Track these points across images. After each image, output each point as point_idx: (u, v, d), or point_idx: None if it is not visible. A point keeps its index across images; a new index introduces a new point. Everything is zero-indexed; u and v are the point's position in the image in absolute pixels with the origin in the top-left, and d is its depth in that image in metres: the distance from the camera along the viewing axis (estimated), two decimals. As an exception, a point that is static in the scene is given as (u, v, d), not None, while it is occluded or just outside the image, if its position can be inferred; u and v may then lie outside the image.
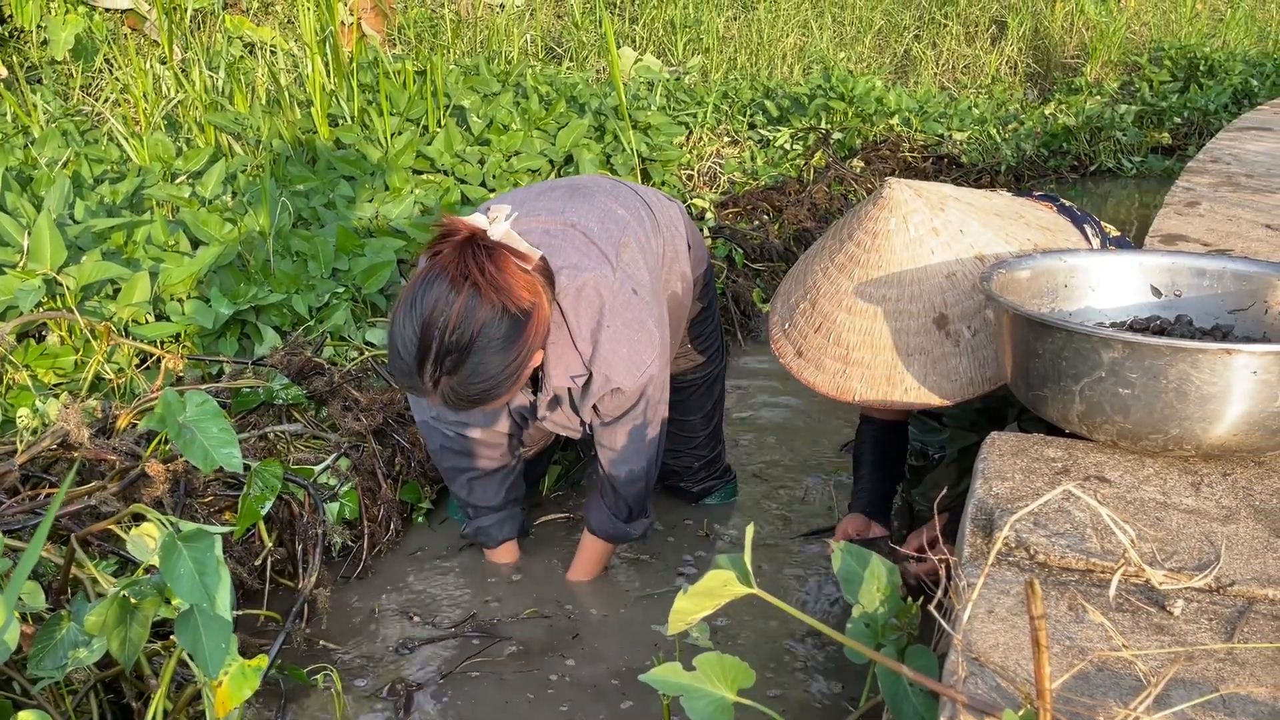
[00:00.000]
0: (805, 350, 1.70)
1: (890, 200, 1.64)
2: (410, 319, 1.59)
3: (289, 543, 2.00)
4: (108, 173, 3.42)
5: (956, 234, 1.63)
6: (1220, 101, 7.04)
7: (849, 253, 1.67)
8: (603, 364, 1.79)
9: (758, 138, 5.20)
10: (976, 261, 1.62)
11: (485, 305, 1.57)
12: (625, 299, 1.80)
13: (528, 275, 1.63)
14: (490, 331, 1.58)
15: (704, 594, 1.15)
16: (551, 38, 7.04)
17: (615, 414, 1.88)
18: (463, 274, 1.57)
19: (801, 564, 2.18)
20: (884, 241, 1.63)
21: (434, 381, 1.60)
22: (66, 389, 2.23)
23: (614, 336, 1.78)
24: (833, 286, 1.67)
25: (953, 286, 1.61)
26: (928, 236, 1.62)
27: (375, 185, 3.46)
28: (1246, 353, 1.23)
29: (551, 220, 1.84)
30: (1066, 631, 1.05)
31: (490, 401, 1.66)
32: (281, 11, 6.52)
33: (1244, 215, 2.76)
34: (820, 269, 1.71)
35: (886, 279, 1.62)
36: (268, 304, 2.52)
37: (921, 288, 1.61)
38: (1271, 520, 1.24)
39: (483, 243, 1.60)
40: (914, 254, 1.62)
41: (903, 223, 1.63)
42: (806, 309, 1.71)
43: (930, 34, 8.52)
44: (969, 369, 1.59)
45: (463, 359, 1.58)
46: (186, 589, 1.11)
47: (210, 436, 1.34)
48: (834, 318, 1.66)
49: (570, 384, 1.82)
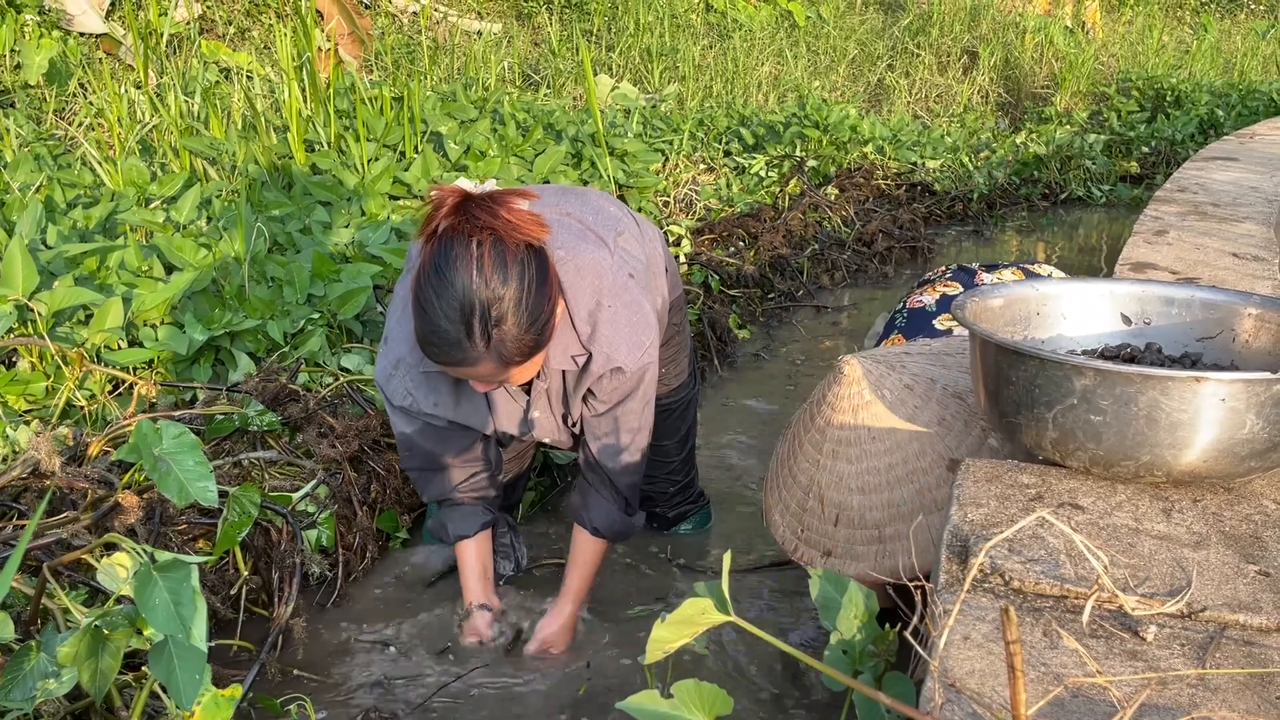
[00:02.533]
0: (833, 548, 1.64)
1: (852, 375, 1.63)
2: (441, 288, 1.53)
3: (264, 571, 1.98)
4: (81, 197, 3.40)
5: (928, 383, 1.63)
6: (1187, 131, 7.17)
7: (836, 437, 1.63)
8: (604, 343, 1.76)
9: (733, 165, 5.24)
10: (958, 400, 1.61)
11: (510, 246, 1.54)
12: (623, 281, 1.80)
13: (535, 214, 1.60)
14: (522, 269, 1.55)
15: (682, 622, 1.15)
16: (529, 65, 7.07)
17: (611, 401, 1.84)
18: (476, 226, 1.53)
19: (779, 590, 2.18)
20: (865, 414, 1.61)
21: (485, 340, 1.54)
22: (37, 416, 2.20)
23: (614, 317, 1.77)
24: (834, 476, 1.63)
25: (949, 431, 1.59)
26: (905, 395, 1.61)
27: (351, 211, 3.45)
28: (1215, 380, 1.25)
29: (547, 210, 1.85)
30: (1041, 657, 1.06)
31: (537, 350, 1.61)
32: (258, 37, 6.52)
33: (1211, 244, 2.80)
34: (810, 463, 1.67)
35: (886, 449, 1.60)
36: (242, 330, 2.50)
37: (922, 443, 1.59)
38: (1241, 546, 1.25)
39: (482, 195, 1.56)
40: (899, 415, 1.61)
41: (875, 390, 1.62)
42: (815, 507, 1.66)
43: (903, 63, 8.64)
44: None
45: (509, 308, 1.54)
46: (162, 620, 1.09)
47: (186, 469, 1.33)
48: (849, 504, 1.62)
49: (570, 364, 1.79)
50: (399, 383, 1.86)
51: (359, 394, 2.42)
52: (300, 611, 1.94)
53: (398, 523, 2.29)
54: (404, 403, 1.87)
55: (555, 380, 1.87)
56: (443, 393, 1.87)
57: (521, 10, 8.63)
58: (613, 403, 1.86)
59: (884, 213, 5.11)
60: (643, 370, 1.82)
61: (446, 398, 1.88)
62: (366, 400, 2.42)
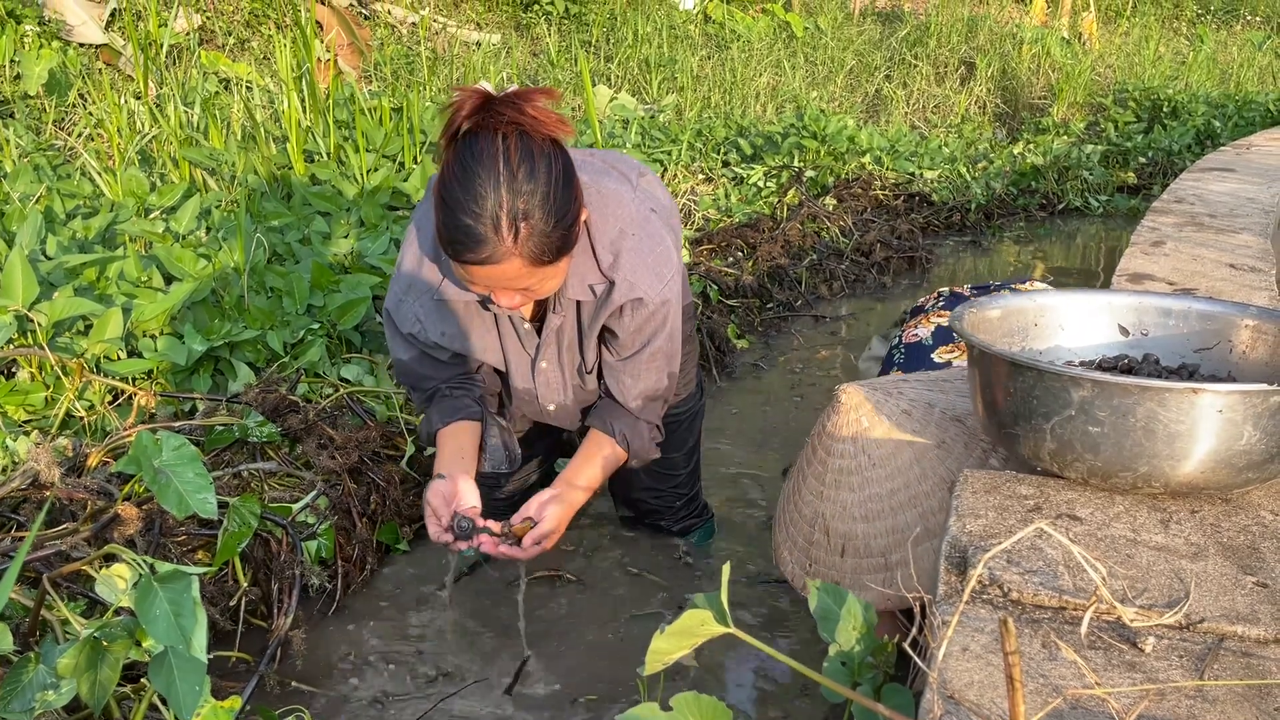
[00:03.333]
0: (841, 579, 1.63)
1: (850, 403, 1.63)
2: (469, 184, 1.50)
3: (263, 582, 1.98)
4: (80, 208, 3.40)
5: (926, 408, 1.63)
6: (1184, 142, 7.19)
7: (837, 467, 1.63)
8: (626, 270, 1.74)
9: (731, 175, 5.26)
10: (957, 423, 1.61)
11: (537, 139, 1.52)
12: (645, 214, 1.79)
13: (559, 113, 1.57)
14: (549, 164, 1.53)
15: (681, 634, 1.15)
16: (527, 75, 7.09)
17: (635, 344, 1.81)
18: (501, 121, 1.50)
19: (779, 602, 2.19)
20: (865, 441, 1.61)
21: (514, 234, 1.51)
22: (37, 426, 2.20)
23: (636, 246, 1.75)
24: (838, 506, 1.63)
25: (949, 454, 1.59)
26: (902, 420, 1.61)
27: (351, 221, 3.46)
28: (1212, 392, 1.25)
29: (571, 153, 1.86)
30: (1040, 669, 1.06)
31: (565, 251, 1.58)
32: (257, 48, 6.54)
33: (1208, 255, 2.81)
34: (814, 495, 1.67)
35: (887, 474, 1.60)
36: (242, 340, 2.51)
37: (923, 468, 1.58)
38: (1239, 557, 1.26)
39: (506, 94, 1.54)
40: (898, 441, 1.60)
41: (873, 416, 1.62)
42: (821, 539, 1.65)
43: (901, 74, 8.66)
44: None
45: (536, 200, 1.51)
46: (162, 631, 1.10)
47: (186, 481, 1.33)
48: (854, 533, 1.61)
49: (587, 294, 1.77)
50: (409, 308, 1.82)
51: (359, 405, 2.43)
52: (299, 623, 1.94)
53: (398, 534, 2.28)
54: (411, 329, 1.83)
55: (570, 316, 1.83)
56: (452, 324, 1.84)
57: (520, 21, 8.66)
58: (637, 346, 1.82)
59: (882, 223, 5.13)
60: (665, 304, 1.79)
61: (456, 330, 1.85)
62: (366, 411, 2.42)
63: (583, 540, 2.41)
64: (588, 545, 2.39)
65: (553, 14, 8.50)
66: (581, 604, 2.17)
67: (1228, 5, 13.95)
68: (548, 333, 1.84)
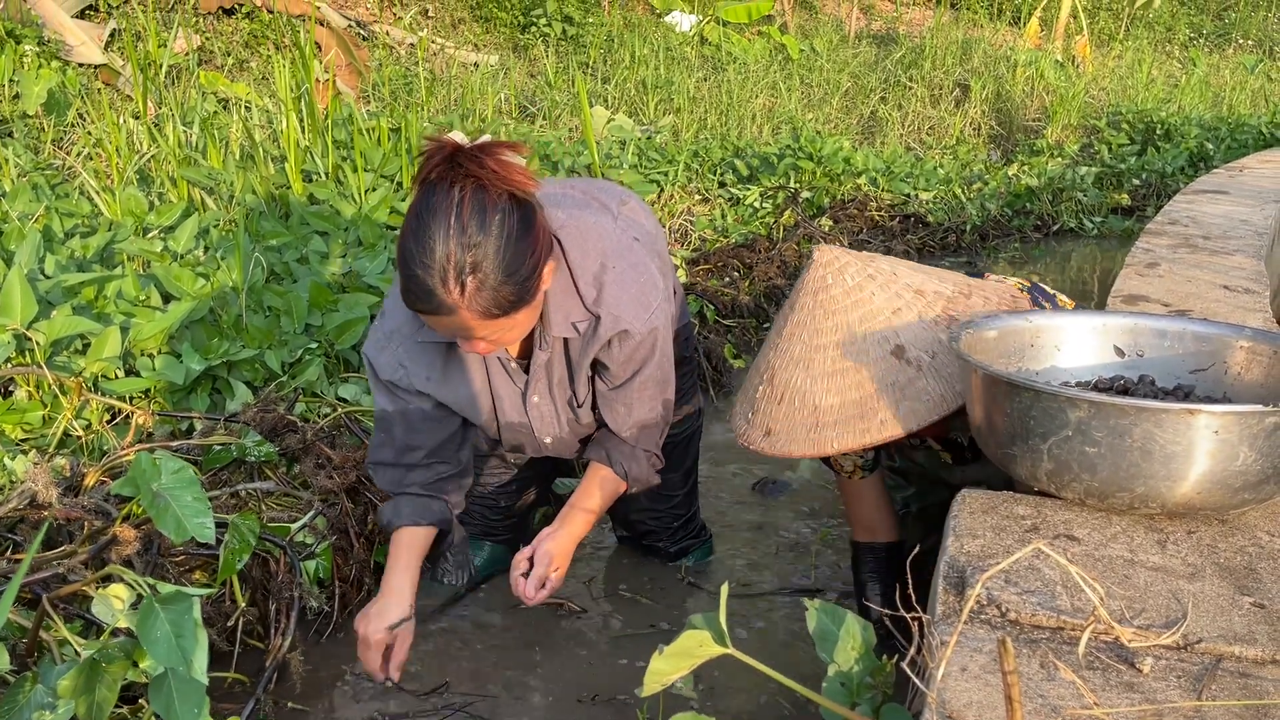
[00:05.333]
0: (773, 426, 1.68)
1: (821, 259, 1.69)
2: (420, 235, 1.51)
3: (261, 603, 1.97)
4: (79, 227, 3.41)
5: (891, 277, 1.68)
6: (1177, 164, 7.23)
7: (795, 320, 1.69)
8: (610, 304, 1.74)
9: (728, 196, 5.28)
10: (917, 295, 1.65)
11: (492, 195, 1.53)
12: (627, 244, 1.79)
13: (523, 166, 1.58)
14: (503, 219, 1.53)
15: (679, 654, 1.16)
16: (525, 96, 7.13)
17: (625, 373, 1.82)
18: (462, 174, 1.52)
19: (778, 621, 2.18)
20: (824, 296, 1.66)
21: (460, 287, 1.52)
22: (34, 445, 2.20)
23: (619, 278, 1.75)
24: (785, 357, 1.68)
25: (901, 320, 1.63)
26: (865, 282, 1.66)
27: (349, 241, 3.47)
28: (1207, 413, 1.26)
29: (551, 186, 1.88)
30: (1039, 689, 1.06)
31: (518, 306, 1.58)
32: (256, 68, 6.57)
33: (1202, 276, 2.83)
34: (771, 348, 1.72)
35: (835, 326, 1.65)
36: (240, 359, 2.51)
37: (871, 326, 1.63)
38: (1235, 577, 1.26)
39: (471, 147, 1.55)
40: (856, 300, 1.65)
41: (839, 274, 1.67)
42: (765, 389, 1.70)
43: (896, 96, 8.72)
44: (937, 388, 1.60)
45: (484, 255, 1.51)
46: (163, 652, 1.09)
47: (184, 505, 1.33)
48: (794, 382, 1.66)
49: (571, 332, 1.77)
50: (391, 354, 1.82)
51: (356, 424, 2.43)
52: (297, 644, 1.93)
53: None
54: (393, 376, 1.83)
55: (557, 351, 1.83)
56: (436, 368, 1.83)
57: (518, 42, 8.71)
58: (628, 375, 1.83)
59: (878, 244, 5.15)
60: (652, 334, 1.80)
61: (439, 374, 1.84)
62: (364, 431, 2.42)
63: (580, 560, 2.40)
64: (585, 565, 2.38)
65: (550, 36, 8.55)
66: (579, 624, 2.16)
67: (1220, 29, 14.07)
68: (535, 368, 1.85)
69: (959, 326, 1.59)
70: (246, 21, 6.97)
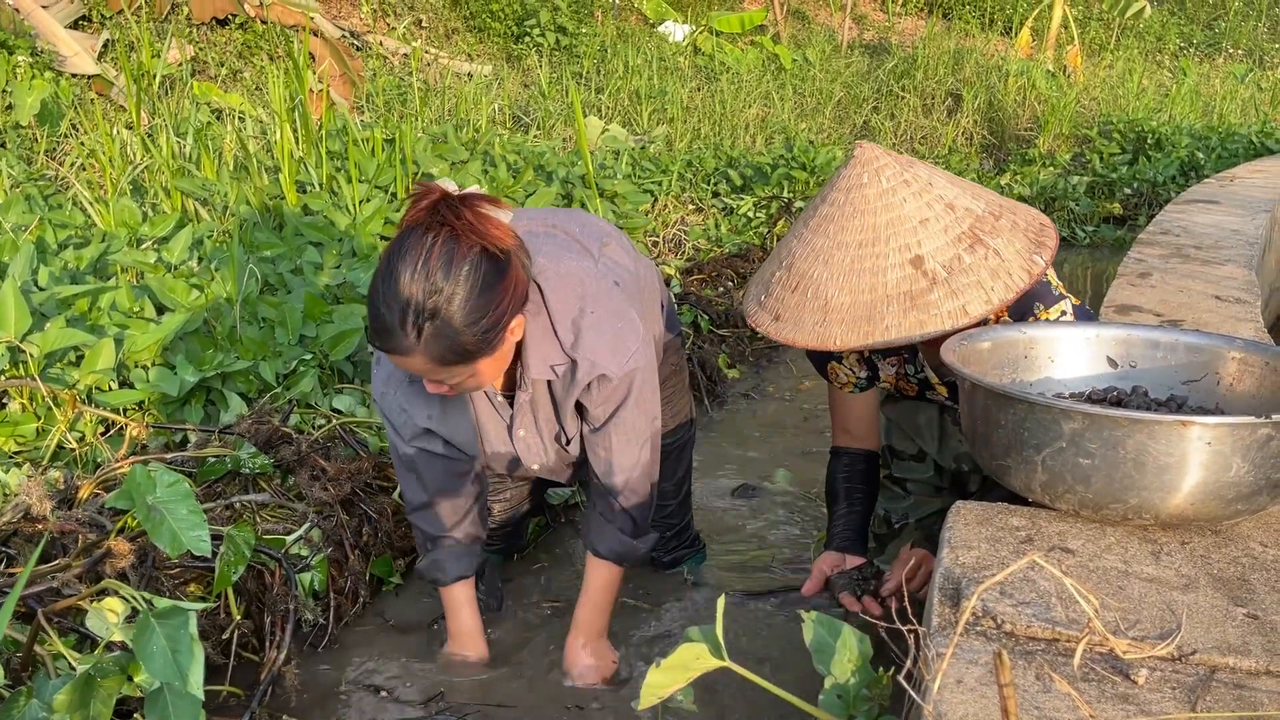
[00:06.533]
0: (783, 313, 1.68)
1: (861, 158, 1.69)
2: (387, 276, 1.55)
3: (256, 615, 1.97)
4: (72, 238, 3.40)
5: (926, 186, 1.67)
6: (1168, 173, 7.27)
7: (823, 213, 1.69)
8: (587, 350, 1.76)
9: (721, 206, 5.29)
10: (948, 209, 1.65)
11: (463, 245, 1.55)
12: (607, 288, 1.81)
13: (503, 222, 1.61)
14: (470, 271, 1.55)
15: (676, 667, 1.16)
16: (519, 106, 7.14)
17: (604, 414, 1.84)
18: (438, 221, 1.55)
19: (774, 632, 2.18)
20: (857, 195, 1.66)
21: (416, 332, 1.54)
22: (28, 458, 2.20)
23: (596, 323, 1.77)
24: (808, 247, 1.69)
25: (926, 230, 1.63)
26: (899, 187, 1.66)
27: (343, 251, 3.47)
28: (1200, 424, 1.27)
29: (533, 224, 1.88)
30: (1034, 701, 1.06)
31: (474, 358, 1.61)
32: (250, 79, 6.57)
33: (1194, 286, 2.84)
34: (795, 237, 1.73)
35: (861, 226, 1.65)
36: (234, 371, 2.51)
37: (896, 231, 1.63)
38: (1229, 588, 1.27)
39: (455, 196, 1.58)
40: (887, 203, 1.65)
41: (875, 175, 1.67)
42: (782, 275, 1.71)
43: (888, 106, 8.75)
44: (948, 303, 1.60)
45: (444, 302, 1.54)
46: (159, 667, 1.09)
47: (179, 518, 1.33)
48: (811, 274, 1.67)
49: (550, 374, 1.79)
50: (392, 399, 1.87)
51: (351, 436, 2.43)
52: (292, 657, 1.93)
53: (391, 567, 2.28)
54: (399, 420, 1.88)
55: (540, 393, 1.86)
56: (435, 406, 1.87)
57: (511, 53, 8.73)
58: (607, 415, 1.84)
59: (871, 253, 5.15)
60: (630, 376, 1.81)
61: (439, 412, 1.87)
62: (359, 442, 2.42)
63: (575, 571, 2.40)
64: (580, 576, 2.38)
65: (544, 46, 8.57)
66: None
67: (1210, 39, 14.16)
68: (519, 405, 1.88)
69: (954, 339, 1.59)
70: (240, 32, 6.98)
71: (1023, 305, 1.80)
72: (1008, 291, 1.58)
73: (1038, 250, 1.64)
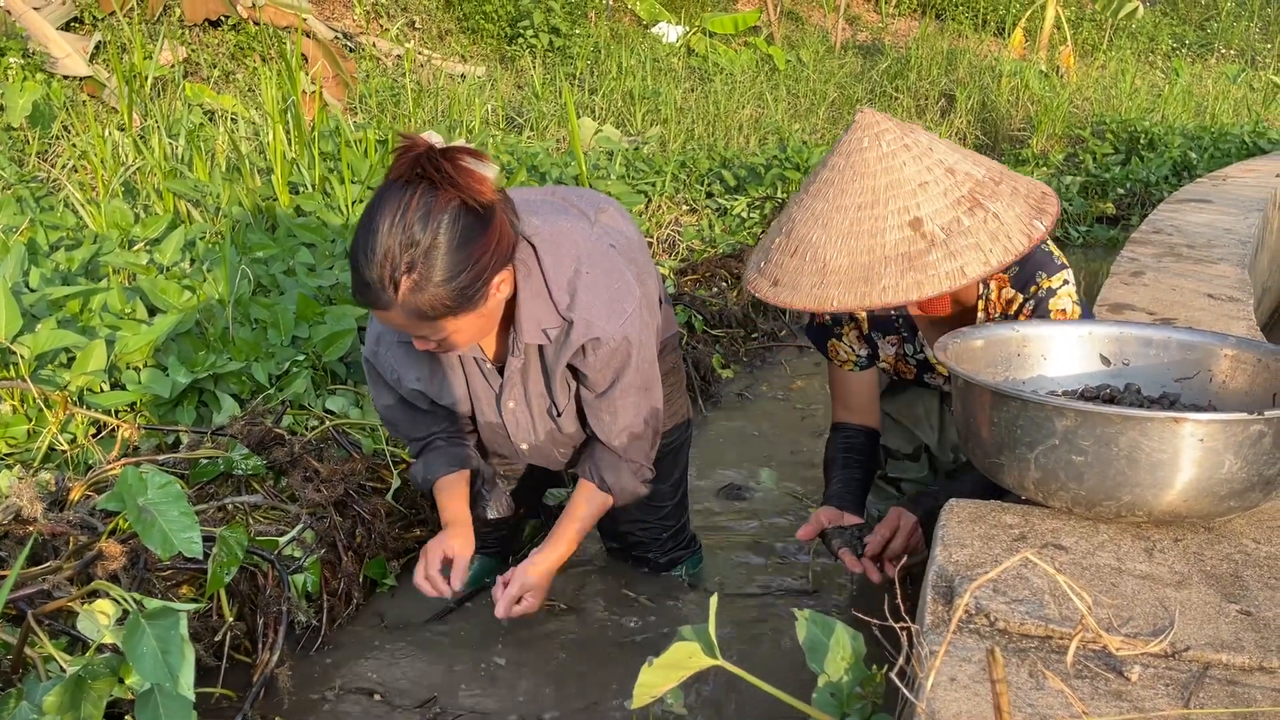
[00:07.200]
0: (781, 277, 1.69)
1: (862, 122, 1.69)
2: (367, 230, 1.54)
3: (249, 617, 1.96)
4: (64, 240, 3.39)
5: (926, 150, 1.68)
6: (1161, 173, 7.28)
7: (823, 178, 1.70)
8: (582, 309, 1.75)
9: (715, 206, 5.29)
10: (948, 173, 1.65)
11: (441, 198, 1.54)
12: (603, 250, 1.80)
13: (485, 176, 1.59)
14: (448, 224, 1.54)
15: (669, 666, 1.15)
16: (512, 108, 7.13)
17: (604, 382, 1.82)
18: (417, 174, 1.54)
19: (768, 631, 2.18)
20: (857, 159, 1.67)
21: (394, 285, 1.53)
22: (19, 459, 2.19)
23: (592, 283, 1.75)
24: (807, 212, 1.69)
25: (926, 193, 1.63)
26: (899, 151, 1.66)
27: (336, 252, 3.46)
28: (1193, 421, 1.27)
29: (531, 193, 1.89)
30: (1028, 699, 1.06)
31: (454, 312, 1.59)
32: (243, 80, 6.56)
33: (1186, 285, 2.85)
34: (796, 204, 1.74)
35: (860, 190, 1.65)
36: (226, 372, 2.50)
37: (895, 194, 1.63)
38: (1222, 585, 1.27)
39: (437, 150, 1.56)
40: (886, 166, 1.65)
41: (875, 140, 1.67)
42: (782, 241, 1.72)
43: (882, 106, 8.76)
44: (945, 264, 1.59)
45: (420, 256, 1.53)
46: (149, 668, 1.09)
47: (170, 520, 1.32)
48: (809, 238, 1.67)
49: (542, 339, 1.78)
50: (383, 358, 1.88)
51: (344, 437, 2.42)
52: (284, 659, 1.92)
53: (385, 569, 2.27)
54: (391, 377, 1.88)
55: (532, 358, 1.84)
56: (424, 368, 1.87)
57: (505, 54, 8.72)
58: (608, 382, 1.83)
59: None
60: (626, 340, 1.80)
61: (428, 374, 1.87)
62: (352, 443, 2.41)
63: (570, 571, 2.40)
64: (576, 576, 2.38)
65: (537, 47, 8.57)
66: (570, 635, 2.16)
67: (1202, 39, 14.20)
68: (510, 374, 1.86)
69: (946, 336, 1.59)
70: (233, 33, 6.96)
71: (1025, 274, 1.81)
72: (1006, 254, 1.57)
73: (1038, 216, 1.63)
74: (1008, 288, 1.82)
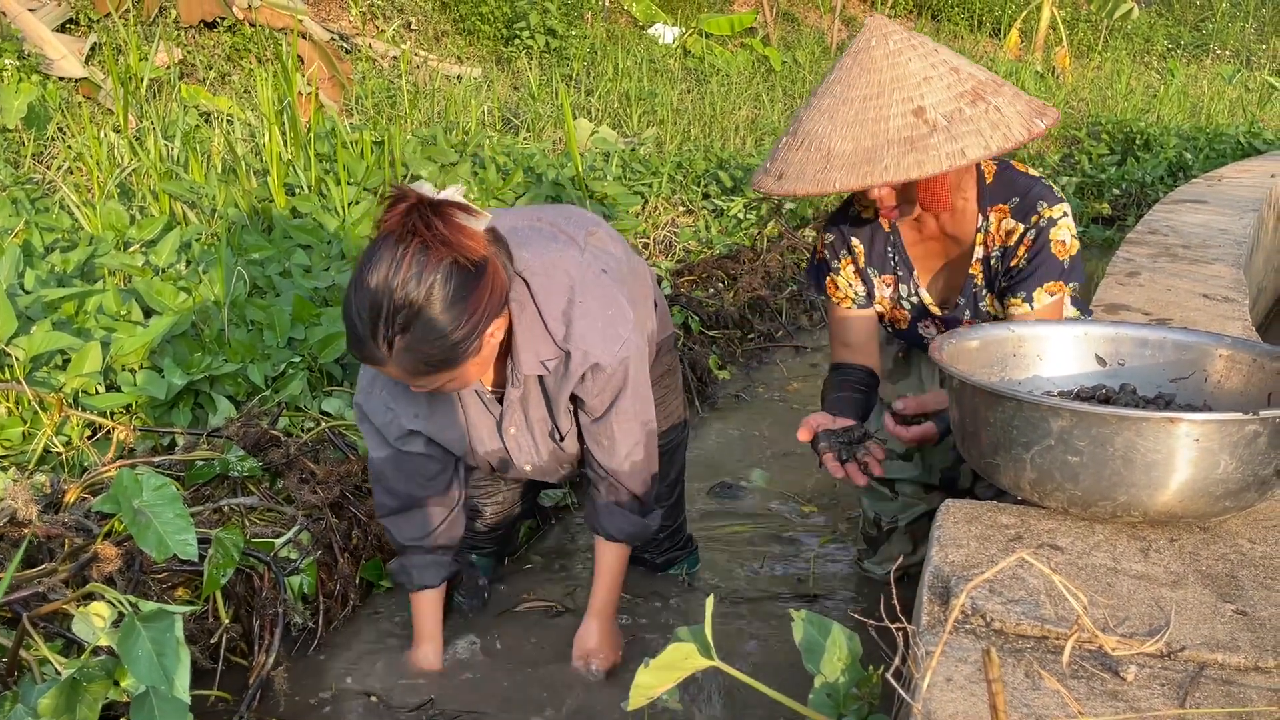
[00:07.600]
0: (786, 170, 1.73)
1: (870, 25, 1.76)
2: (359, 285, 1.56)
3: (245, 619, 1.96)
4: (59, 242, 3.39)
5: (932, 50, 1.74)
6: (1156, 174, 7.29)
7: (831, 77, 1.77)
8: (579, 340, 1.76)
9: (712, 207, 5.29)
10: (952, 71, 1.71)
11: (433, 259, 1.54)
12: (594, 276, 1.80)
13: (476, 231, 1.60)
14: (440, 284, 1.55)
15: (665, 668, 1.15)
16: (508, 109, 7.13)
17: (602, 405, 1.84)
18: (409, 231, 1.54)
19: (765, 632, 2.18)
20: (864, 56, 1.73)
21: (388, 344, 1.55)
22: (14, 462, 2.18)
23: (586, 312, 1.76)
24: (814, 110, 1.75)
25: (930, 86, 1.69)
26: (905, 49, 1.72)
27: (332, 254, 3.46)
28: (1188, 421, 1.27)
29: (517, 220, 1.89)
30: (1024, 699, 1.06)
31: (449, 366, 1.61)
32: (238, 82, 6.56)
33: (1182, 285, 2.85)
34: (805, 106, 1.80)
35: (866, 83, 1.71)
36: (222, 374, 2.49)
37: (900, 85, 1.69)
38: (1218, 585, 1.27)
39: (428, 203, 1.57)
40: (893, 62, 1.71)
41: (883, 39, 1.73)
42: (788, 139, 1.77)
43: (878, 107, 8.74)
44: (946, 146, 1.64)
45: (414, 316, 1.54)
46: (144, 671, 1.08)
47: (166, 522, 1.32)
48: (815, 130, 1.73)
49: (541, 370, 1.79)
50: (378, 398, 1.86)
51: (340, 439, 2.42)
52: (281, 661, 1.92)
53: (381, 570, 2.27)
54: (384, 419, 1.87)
55: (532, 388, 1.85)
56: (421, 404, 1.86)
57: (501, 55, 8.72)
58: (605, 406, 1.84)
59: (861, 254, 5.16)
60: (623, 364, 1.81)
61: (425, 410, 1.87)
62: (348, 445, 2.41)
63: (568, 573, 2.40)
64: (573, 577, 2.38)
65: (533, 48, 8.57)
66: (566, 637, 2.15)
67: (1197, 40, 14.22)
68: (509, 403, 1.87)
69: (941, 337, 1.59)
70: (228, 35, 6.96)
71: (1026, 205, 1.84)
72: (1006, 141, 1.63)
73: (1039, 116, 1.69)
74: (1008, 218, 1.85)
